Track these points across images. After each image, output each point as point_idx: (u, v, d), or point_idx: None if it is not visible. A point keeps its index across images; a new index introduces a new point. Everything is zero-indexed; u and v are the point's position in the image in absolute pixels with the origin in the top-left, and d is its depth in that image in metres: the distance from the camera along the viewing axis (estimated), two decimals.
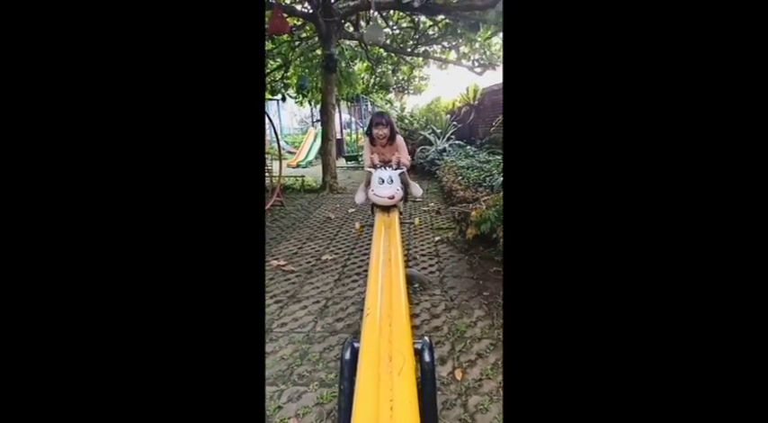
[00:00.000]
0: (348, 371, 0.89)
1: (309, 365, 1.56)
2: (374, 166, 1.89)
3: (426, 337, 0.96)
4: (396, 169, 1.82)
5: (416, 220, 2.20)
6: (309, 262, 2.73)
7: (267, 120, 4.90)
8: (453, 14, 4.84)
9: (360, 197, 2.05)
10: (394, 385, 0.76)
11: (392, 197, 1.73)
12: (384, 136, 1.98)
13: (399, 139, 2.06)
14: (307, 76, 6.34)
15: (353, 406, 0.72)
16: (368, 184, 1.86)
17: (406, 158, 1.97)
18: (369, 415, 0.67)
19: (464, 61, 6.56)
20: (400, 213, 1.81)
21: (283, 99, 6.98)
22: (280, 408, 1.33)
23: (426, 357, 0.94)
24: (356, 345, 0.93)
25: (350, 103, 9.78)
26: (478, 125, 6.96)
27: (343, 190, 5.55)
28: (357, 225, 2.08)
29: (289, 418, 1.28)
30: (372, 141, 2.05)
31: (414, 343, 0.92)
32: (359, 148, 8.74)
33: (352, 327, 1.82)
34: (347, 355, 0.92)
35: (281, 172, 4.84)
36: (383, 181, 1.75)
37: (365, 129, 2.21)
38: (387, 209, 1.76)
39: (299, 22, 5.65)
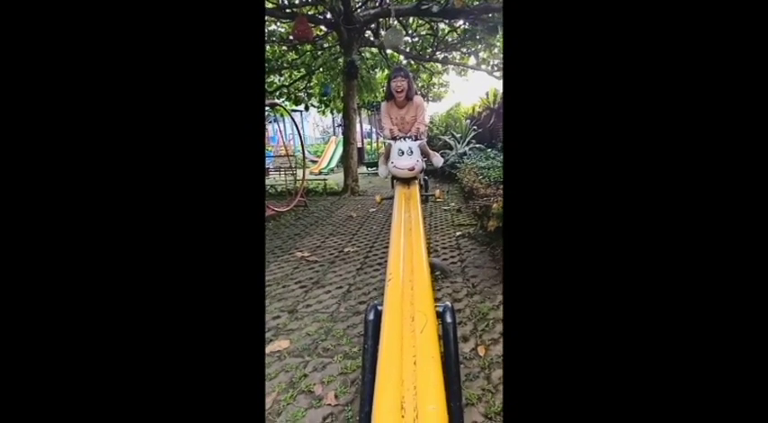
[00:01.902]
0: (372, 330, 0.92)
1: (334, 340, 1.60)
2: (394, 138, 1.87)
3: (448, 302, 0.98)
4: (415, 140, 1.80)
5: (437, 192, 2.17)
6: (332, 253, 2.79)
7: (295, 129, 5.10)
8: (471, 18, 4.92)
9: (383, 171, 2.04)
10: (417, 342, 0.78)
11: (412, 169, 1.71)
12: (402, 89, 1.94)
13: (418, 98, 2.02)
14: (329, 83, 6.53)
15: (378, 361, 0.75)
16: (387, 155, 1.85)
17: (423, 124, 1.92)
18: (393, 369, 0.69)
19: (483, 66, 6.60)
20: (420, 186, 1.82)
21: (306, 108, 7.19)
22: (305, 375, 1.38)
23: (448, 319, 0.96)
24: (379, 307, 0.96)
25: (370, 111, 9.95)
26: (499, 129, 6.93)
27: (364, 192, 5.63)
28: (377, 197, 2.09)
29: (314, 384, 1.32)
30: (389, 97, 2.00)
31: (435, 306, 0.94)
32: (379, 155, 8.86)
33: None
34: (371, 316, 0.95)
35: (305, 176, 5.00)
36: (402, 152, 1.74)
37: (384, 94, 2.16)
38: (407, 181, 1.75)
39: (322, 33, 5.88)
